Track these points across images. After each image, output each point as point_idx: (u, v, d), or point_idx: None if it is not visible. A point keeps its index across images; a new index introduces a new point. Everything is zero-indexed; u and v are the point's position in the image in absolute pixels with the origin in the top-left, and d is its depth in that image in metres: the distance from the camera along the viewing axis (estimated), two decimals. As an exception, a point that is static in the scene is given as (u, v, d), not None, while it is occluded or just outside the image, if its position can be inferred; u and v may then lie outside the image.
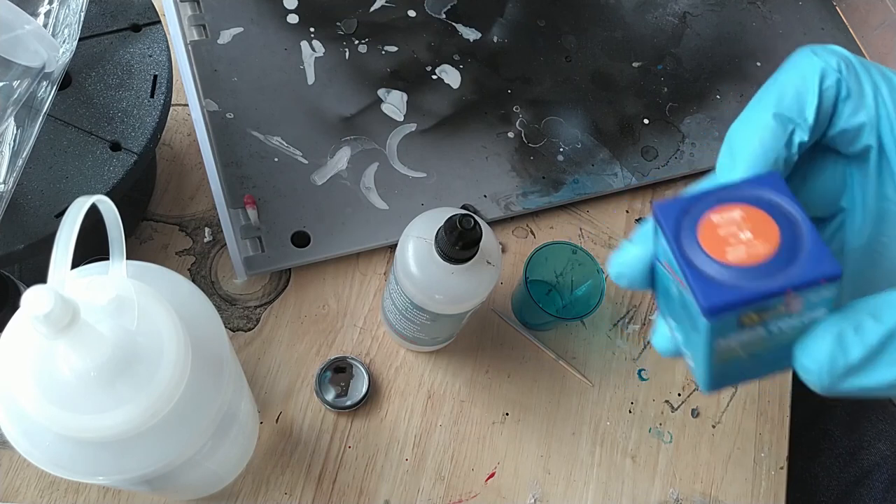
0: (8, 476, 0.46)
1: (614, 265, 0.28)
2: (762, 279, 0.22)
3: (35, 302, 0.23)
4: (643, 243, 0.27)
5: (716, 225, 0.24)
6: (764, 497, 0.54)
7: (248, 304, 0.54)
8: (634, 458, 0.54)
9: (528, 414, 0.54)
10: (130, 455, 0.29)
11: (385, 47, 0.63)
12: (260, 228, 0.53)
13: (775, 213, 0.24)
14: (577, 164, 0.62)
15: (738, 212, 0.24)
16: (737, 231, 0.24)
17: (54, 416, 0.26)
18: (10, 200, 0.37)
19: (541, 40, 0.67)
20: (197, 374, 0.29)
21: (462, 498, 0.51)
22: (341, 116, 0.59)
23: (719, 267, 0.23)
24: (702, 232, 0.24)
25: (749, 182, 0.25)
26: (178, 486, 0.41)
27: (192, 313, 0.31)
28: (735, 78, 0.69)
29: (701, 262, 0.23)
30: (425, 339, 0.50)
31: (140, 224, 0.54)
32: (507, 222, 0.60)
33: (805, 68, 0.26)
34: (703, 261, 0.23)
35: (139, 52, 0.46)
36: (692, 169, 0.64)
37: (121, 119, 0.44)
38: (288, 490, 0.49)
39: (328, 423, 0.51)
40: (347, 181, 0.57)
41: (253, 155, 0.56)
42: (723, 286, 0.23)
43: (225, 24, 0.60)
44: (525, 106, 0.63)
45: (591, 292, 0.53)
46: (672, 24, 0.71)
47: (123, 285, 0.28)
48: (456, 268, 0.41)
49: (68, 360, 0.26)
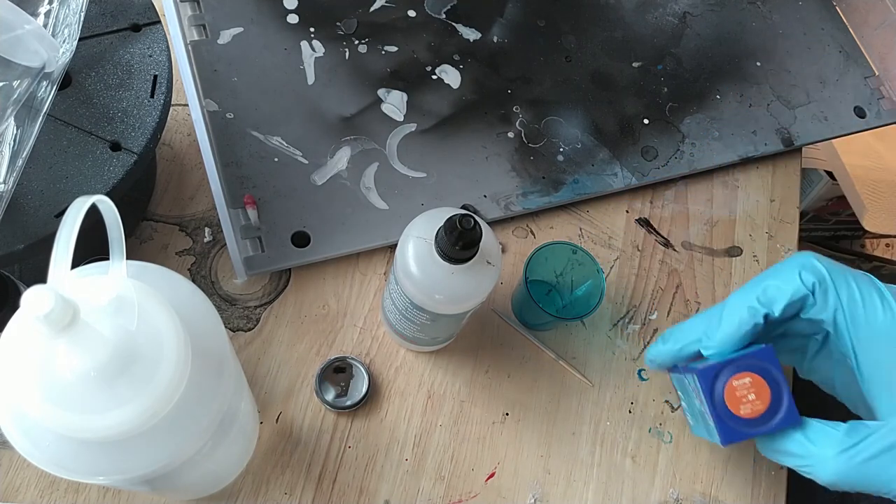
0: (8, 476, 0.46)
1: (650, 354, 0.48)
2: (756, 427, 0.42)
3: (35, 302, 0.23)
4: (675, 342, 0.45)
5: (735, 388, 0.41)
6: (764, 497, 0.54)
7: (248, 304, 0.54)
8: (634, 458, 0.54)
9: (528, 414, 0.54)
10: (130, 455, 0.29)
11: (385, 47, 0.63)
12: (260, 228, 0.53)
13: (769, 379, 0.41)
14: (577, 164, 0.62)
15: (748, 379, 0.41)
16: (746, 393, 0.41)
17: (54, 415, 0.26)
18: (10, 200, 0.37)
19: (541, 40, 0.67)
20: (197, 374, 0.29)
21: (462, 498, 0.51)
22: (341, 116, 0.59)
23: (734, 417, 0.42)
24: (728, 393, 0.42)
25: (757, 353, 0.42)
26: (179, 486, 0.41)
27: (192, 313, 0.31)
28: (735, 78, 0.69)
29: (724, 412, 0.42)
30: (425, 339, 0.50)
31: (140, 224, 0.54)
32: (507, 222, 0.60)
33: (786, 280, 0.41)
34: (725, 412, 0.42)
35: (139, 52, 0.46)
36: (692, 169, 0.64)
37: (121, 119, 0.44)
38: (288, 490, 0.49)
39: (328, 423, 0.51)
40: (347, 181, 0.57)
41: (253, 155, 0.56)
42: (734, 431, 0.42)
43: (225, 24, 0.60)
44: (525, 106, 0.63)
45: (591, 292, 0.53)
46: (672, 24, 0.71)
47: (123, 285, 0.28)
48: (456, 268, 0.41)
49: (68, 360, 0.26)
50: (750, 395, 0.41)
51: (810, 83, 0.71)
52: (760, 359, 0.42)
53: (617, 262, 0.61)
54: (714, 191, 0.66)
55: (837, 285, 0.40)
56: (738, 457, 0.55)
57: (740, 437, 0.42)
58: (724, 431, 0.42)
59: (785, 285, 0.41)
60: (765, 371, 0.41)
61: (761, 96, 0.69)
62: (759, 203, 0.66)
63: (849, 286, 0.40)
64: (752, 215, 0.65)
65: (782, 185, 0.67)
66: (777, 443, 0.42)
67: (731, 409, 0.41)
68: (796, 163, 0.69)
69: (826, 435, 0.39)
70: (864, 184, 1.16)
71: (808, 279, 0.41)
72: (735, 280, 0.62)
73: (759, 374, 0.41)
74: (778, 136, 0.67)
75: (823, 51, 0.73)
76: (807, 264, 0.41)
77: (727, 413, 0.41)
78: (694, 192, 0.65)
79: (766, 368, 0.41)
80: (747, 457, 0.55)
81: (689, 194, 0.65)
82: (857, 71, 0.73)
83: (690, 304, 0.60)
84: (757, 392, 0.41)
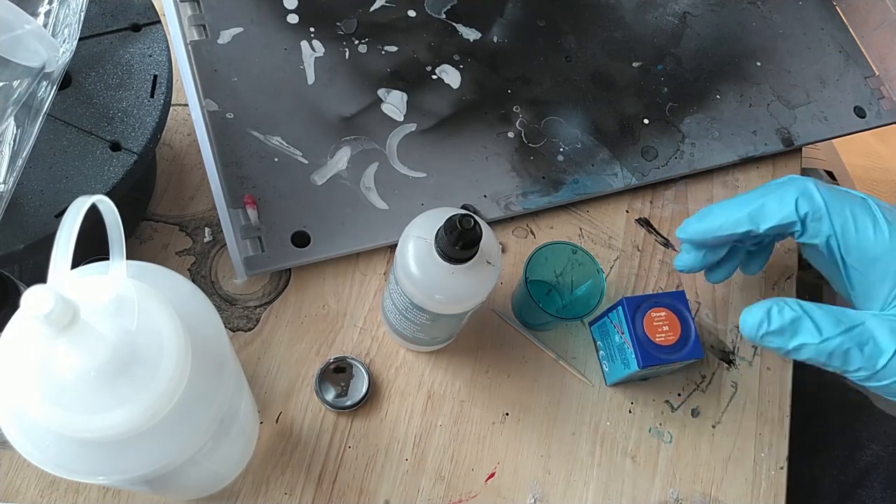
0: (8, 476, 0.46)
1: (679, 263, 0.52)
2: (668, 354, 0.50)
3: (35, 302, 0.23)
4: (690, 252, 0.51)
5: (653, 318, 0.50)
6: (764, 497, 0.54)
7: (248, 304, 0.54)
8: (634, 458, 0.54)
9: (528, 414, 0.54)
10: (130, 455, 0.29)
11: (385, 47, 0.63)
12: (260, 228, 0.53)
13: (680, 317, 0.50)
14: (577, 164, 0.62)
15: (664, 313, 0.50)
16: (661, 325, 0.50)
17: (54, 415, 0.26)
18: (10, 200, 0.37)
19: (541, 40, 0.67)
20: (197, 374, 0.29)
21: (462, 498, 0.51)
22: (341, 116, 0.59)
23: (651, 343, 0.50)
24: (647, 321, 0.50)
25: (673, 294, 0.51)
26: (179, 486, 0.41)
27: (192, 313, 0.31)
28: (735, 78, 0.69)
29: (643, 337, 0.50)
30: (425, 339, 0.50)
31: (140, 224, 0.54)
32: (507, 222, 0.60)
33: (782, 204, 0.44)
34: (644, 337, 0.50)
35: (139, 52, 0.46)
36: (692, 169, 0.64)
37: (121, 119, 0.44)
38: (288, 490, 0.49)
39: (328, 423, 0.51)
40: (347, 181, 0.57)
41: (253, 155, 0.56)
42: (649, 355, 0.49)
43: (225, 24, 0.60)
44: (525, 106, 0.63)
45: (591, 292, 0.53)
46: (672, 24, 0.71)
47: (123, 285, 0.28)
48: (456, 268, 0.41)
49: (68, 360, 0.26)
50: (664, 326, 0.50)
51: (810, 83, 0.71)
52: (675, 300, 0.51)
53: (617, 262, 0.61)
54: (714, 191, 0.66)
55: (832, 214, 0.43)
56: (738, 457, 0.55)
57: (654, 361, 0.49)
58: (641, 354, 0.49)
59: (779, 209, 0.44)
60: (678, 310, 0.50)
61: (761, 96, 0.69)
62: (759, 203, 0.66)
63: (843, 214, 0.43)
64: (752, 215, 0.65)
65: (782, 185, 0.67)
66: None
67: (649, 335, 0.49)
68: (796, 163, 0.69)
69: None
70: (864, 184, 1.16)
71: (803, 208, 0.43)
72: (735, 280, 0.62)
73: (672, 311, 0.50)
74: (778, 136, 0.67)
75: (823, 51, 0.73)
76: (806, 192, 0.44)
77: (645, 338, 0.49)
78: (694, 192, 0.65)
79: (679, 308, 0.50)
80: (747, 457, 0.55)
81: (689, 194, 0.65)
82: (857, 71, 0.73)
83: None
84: (670, 325, 0.50)
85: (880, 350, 0.41)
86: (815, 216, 0.43)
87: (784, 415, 0.57)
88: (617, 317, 0.52)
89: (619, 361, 0.52)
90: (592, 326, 0.57)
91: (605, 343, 0.55)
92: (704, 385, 0.57)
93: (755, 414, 0.57)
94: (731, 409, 0.57)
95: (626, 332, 0.50)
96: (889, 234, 0.42)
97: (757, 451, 0.56)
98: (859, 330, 0.41)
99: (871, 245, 0.42)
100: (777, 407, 0.57)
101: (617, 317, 0.52)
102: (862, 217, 0.43)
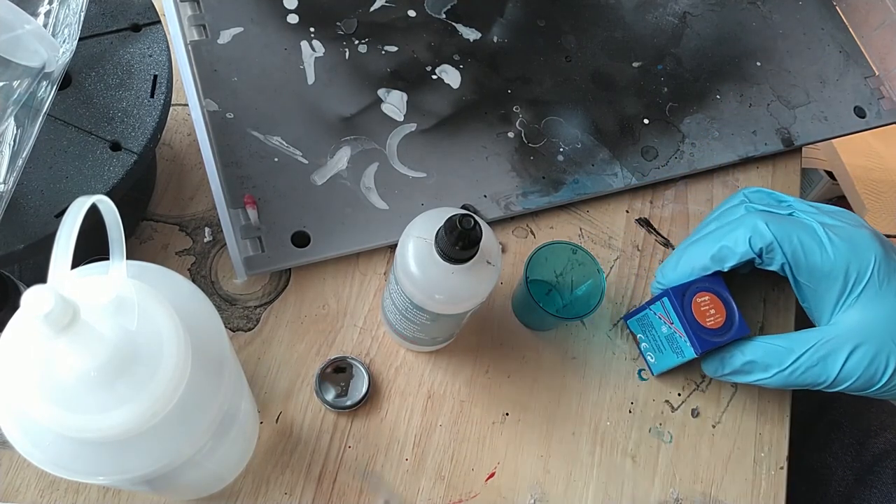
0: (8, 476, 0.46)
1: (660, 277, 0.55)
2: (720, 336, 0.50)
3: (35, 302, 0.23)
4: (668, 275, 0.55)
5: (699, 304, 0.51)
6: (764, 497, 0.54)
7: (248, 304, 0.54)
8: (634, 458, 0.54)
9: (528, 414, 0.54)
10: (130, 455, 0.29)
11: (385, 47, 0.63)
12: (260, 228, 0.53)
13: (722, 298, 0.51)
14: (577, 164, 0.62)
15: (707, 297, 0.51)
16: (708, 308, 0.51)
17: (54, 415, 0.26)
18: (10, 200, 0.37)
19: (541, 40, 0.67)
20: (197, 374, 0.29)
21: (462, 498, 0.51)
22: (341, 116, 0.59)
23: (703, 328, 0.50)
24: (695, 308, 0.51)
25: (709, 279, 0.51)
26: (179, 486, 0.41)
27: (192, 313, 0.31)
28: (735, 78, 0.69)
29: (694, 324, 0.50)
30: (425, 339, 0.50)
31: (140, 224, 0.54)
32: (507, 222, 0.60)
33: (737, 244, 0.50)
34: (695, 324, 0.50)
35: (139, 52, 0.46)
36: (692, 169, 0.64)
37: (121, 119, 0.44)
38: (288, 490, 0.49)
39: (328, 423, 0.51)
40: (347, 181, 0.57)
41: (253, 155, 0.56)
42: (705, 340, 0.50)
43: (225, 24, 0.60)
44: (525, 106, 0.63)
45: (591, 292, 0.53)
46: (672, 24, 0.71)
47: (123, 285, 0.28)
48: (456, 268, 0.41)
49: (68, 360, 0.26)
50: (711, 310, 0.50)
51: (810, 83, 0.71)
52: (713, 283, 0.51)
53: (617, 262, 0.61)
54: (714, 191, 0.66)
55: (783, 244, 0.49)
56: (738, 457, 0.55)
57: (710, 346, 0.50)
58: (698, 341, 0.49)
59: (736, 249, 0.50)
60: (718, 292, 0.51)
61: (761, 96, 0.69)
62: (759, 203, 0.66)
63: (792, 243, 0.49)
64: (752, 215, 0.65)
65: (782, 185, 0.67)
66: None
67: (700, 321, 0.50)
68: (796, 163, 0.69)
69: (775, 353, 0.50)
70: (864, 184, 1.16)
71: (757, 244, 0.50)
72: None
73: (714, 294, 0.51)
74: (778, 136, 0.67)
75: (823, 51, 0.73)
76: (756, 230, 0.50)
77: (697, 325, 0.50)
78: (694, 192, 0.65)
79: (719, 290, 0.51)
80: (747, 457, 0.55)
81: (689, 194, 0.65)
82: (857, 71, 0.73)
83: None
84: (716, 308, 0.51)
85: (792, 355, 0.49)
86: (768, 249, 0.50)
87: (784, 414, 0.57)
88: (662, 308, 0.52)
89: (670, 351, 0.53)
90: (629, 321, 0.57)
91: (649, 335, 0.55)
92: (704, 385, 0.57)
93: (755, 414, 0.57)
94: (731, 409, 0.57)
95: (676, 322, 0.51)
96: (833, 254, 0.49)
97: (757, 451, 0.56)
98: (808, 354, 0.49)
99: (818, 265, 0.49)
100: (777, 407, 0.57)
101: (662, 308, 0.52)
102: (809, 243, 0.49)
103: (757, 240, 0.50)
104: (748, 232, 0.50)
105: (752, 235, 0.50)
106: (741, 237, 0.50)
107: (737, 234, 0.51)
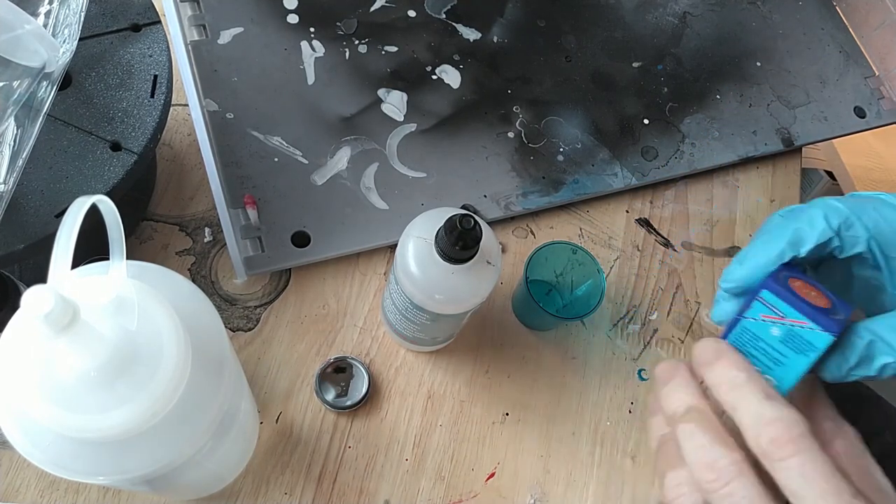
0: (8, 476, 0.46)
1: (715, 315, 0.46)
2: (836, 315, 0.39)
3: (35, 302, 0.23)
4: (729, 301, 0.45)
5: (799, 288, 0.40)
6: (764, 497, 0.54)
7: (248, 304, 0.54)
8: (634, 458, 0.54)
9: (528, 414, 0.54)
10: (130, 455, 0.29)
11: (385, 47, 0.63)
12: (260, 228, 0.53)
13: (811, 282, 0.41)
14: (577, 164, 0.62)
15: (799, 282, 0.41)
16: (809, 291, 0.40)
17: (54, 415, 0.26)
18: (10, 200, 0.37)
19: (541, 40, 0.67)
20: (197, 374, 0.29)
21: (462, 498, 0.51)
22: (341, 116, 0.59)
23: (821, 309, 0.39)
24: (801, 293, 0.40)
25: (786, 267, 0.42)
26: (179, 486, 0.41)
27: (192, 313, 0.31)
28: (735, 78, 0.69)
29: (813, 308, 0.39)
30: (425, 339, 0.50)
31: (140, 224, 0.54)
32: (507, 222, 0.60)
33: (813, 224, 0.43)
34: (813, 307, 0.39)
35: (139, 52, 0.46)
36: (692, 169, 0.64)
37: (121, 119, 0.44)
38: (288, 490, 0.49)
39: (328, 423, 0.51)
40: (347, 181, 0.57)
41: (253, 155, 0.56)
42: (832, 320, 0.39)
43: (225, 24, 0.60)
44: (525, 106, 0.63)
45: (591, 292, 0.53)
46: (672, 24, 0.71)
47: (123, 285, 0.28)
48: (456, 268, 0.41)
49: (68, 360, 0.26)
50: (811, 292, 0.41)
51: (810, 83, 0.71)
52: (791, 271, 0.44)
53: (617, 262, 0.61)
54: (714, 191, 0.66)
55: (862, 217, 0.43)
56: (738, 457, 0.55)
57: (841, 326, 0.39)
58: (827, 324, 0.39)
59: (813, 229, 0.43)
60: (802, 277, 0.44)
61: (761, 96, 0.69)
62: (759, 203, 0.66)
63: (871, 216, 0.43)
64: (752, 215, 0.65)
65: (782, 185, 0.67)
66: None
67: (815, 304, 0.40)
68: (796, 163, 0.69)
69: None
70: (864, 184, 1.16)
71: (834, 221, 0.43)
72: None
73: (798, 277, 0.43)
74: (778, 136, 0.67)
75: (823, 51, 0.73)
76: (829, 207, 0.44)
77: (815, 308, 0.40)
78: (694, 192, 0.65)
79: (797, 274, 0.44)
80: (747, 457, 0.55)
81: (689, 194, 0.65)
82: (857, 71, 0.73)
83: (690, 304, 0.60)
84: (814, 291, 0.41)
85: None
86: (847, 225, 0.43)
87: (784, 415, 0.57)
88: (765, 306, 0.43)
89: (793, 354, 0.43)
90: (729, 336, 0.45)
91: (759, 351, 0.44)
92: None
93: (755, 414, 0.57)
94: (731, 409, 0.57)
95: (791, 313, 0.41)
96: None
97: (757, 451, 0.56)
98: None
99: None
100: (777, 407, 0.57)
101: (765, 306, 0.43)
102: (886, 211, 0.44)
103: (833, 216, 0.44)
104: (822, 210, 0.44)
105: (827, 212, 0.44)
106: (816, 215, 0.44)
107: (811, 213, 0.44)
